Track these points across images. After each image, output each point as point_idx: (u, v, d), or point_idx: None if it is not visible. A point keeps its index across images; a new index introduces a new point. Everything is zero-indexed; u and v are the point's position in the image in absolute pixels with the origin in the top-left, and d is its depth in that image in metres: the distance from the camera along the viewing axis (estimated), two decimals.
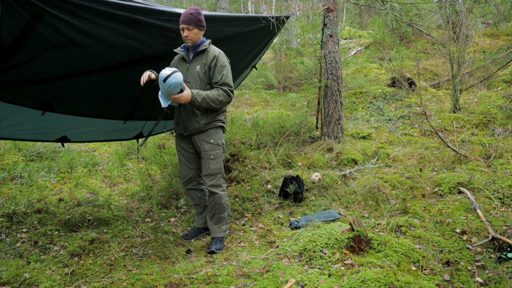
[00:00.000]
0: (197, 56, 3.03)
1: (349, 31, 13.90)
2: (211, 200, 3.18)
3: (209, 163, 3.09)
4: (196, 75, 3.01)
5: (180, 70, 2.90)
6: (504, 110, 5.94)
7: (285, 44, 10.01)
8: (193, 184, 3.32)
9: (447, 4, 6.63)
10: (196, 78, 3.01)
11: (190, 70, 3.03)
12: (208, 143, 3.09)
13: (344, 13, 19.14)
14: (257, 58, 4.58)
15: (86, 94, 3.38)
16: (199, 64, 3.01)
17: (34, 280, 2.64)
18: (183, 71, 2.97)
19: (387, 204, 3.70)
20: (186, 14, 2.92)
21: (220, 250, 3.12)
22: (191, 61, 3.04)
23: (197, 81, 3.02)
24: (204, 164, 3.12)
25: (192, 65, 3.03)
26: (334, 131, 5.52)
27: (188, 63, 3.05)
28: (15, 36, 2.55)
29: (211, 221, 3.26)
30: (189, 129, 3.09)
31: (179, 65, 3.08)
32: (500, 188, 3.62)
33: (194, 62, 3.04)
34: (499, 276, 2.45)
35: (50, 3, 2.41)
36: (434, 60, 9.78)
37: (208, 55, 3.01)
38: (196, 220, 3.46)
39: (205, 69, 3.01)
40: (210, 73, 3.01)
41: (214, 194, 3.14)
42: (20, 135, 3.70)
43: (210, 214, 3.25)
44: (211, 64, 3.00)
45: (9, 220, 3.63)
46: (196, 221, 3.46)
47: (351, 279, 2.41)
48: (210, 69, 3.01)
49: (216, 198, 3.14)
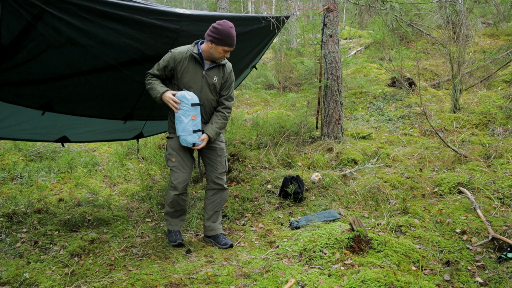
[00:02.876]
0: (214, 68, 3.06)
1: (349, 31, 13.90)
2: (218, 197, 3.25)
3: (225, 160, 3.24)
4: (213, 87, 3.08)
5: (194, 74, 2.98)
6: (504, 110, 5.94)
7: (285, 44, 10.01)
8: (185, 188, 3.17)
9: (447, 4, 6.63)
10: (212, 89, 3.08)
11: (207, 80, 3.04)
12: (220, 141, 3.24)
13: (344, 13, 19.15)
14: (257, 58, 4.58)
15: (86, 94, 3.38)
16: (217, 76, 3.07)
17: (34, 280, 2.64)
18: (197, 77, 3.00)
19: (387, 204, 3.70)
20: (232, 36, 2.91)
21: None
22: (207, 70, 3.03)
23: (213, 91, 3.09)
24: (221, 162, 3.21)
25: (209, 75, 3.04)
26: (334, 131, 5.52)
27: (203, 71, 3.03)
28: (15, 36, 2.55)
29: (209, 220, 3.28)
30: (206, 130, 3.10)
31: (191, 67, 2.99)
32: (500, 188, 3.63)
33: (211, 73, 3.05)
34: (499, 276, 2.45)
35: (50, 3, 2.40)
36: (434, 60, 9.78)
37: (225, 69, 3.12)
38: (177, 223, 3.28)
39: (222, 82, 3.12)
40: (223, 85, 3.14)
41: (224, 190, 3.27)
42: (20, 135, 3.70)
43: (211, 213, 3.26)
44: (227, 79, 3.14)
45: (9, 220, 3.63)
46: (176, 224, 3.28)
47: (351, 279, 2.41)
48: (226, 83, 3.14)
49: (225, 194, 3.28)
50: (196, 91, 3.00)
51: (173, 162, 3.09)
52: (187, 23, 3.11)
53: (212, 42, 2.90)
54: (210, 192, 3.26)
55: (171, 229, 3.28)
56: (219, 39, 2.88)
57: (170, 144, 3.13)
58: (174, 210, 3.20)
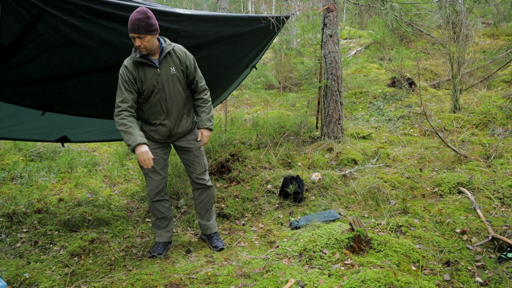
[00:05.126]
0: (165, 59, 2.79)
1: (349, 31, 13.90)
2: (205, 196, 3.17)
3: (203, 159, 3.12)
4: (175, 78, 2.83)
5: (151, 77, 2.74)
6: (504, 110, 5.95)
7: (285, 44, 10.01)
8: (162, 195, 3.06)
9: (447, 4, 6.63)
10: (175, 82, 2.83)
11: (164, 75, 2.78)
12: (196, 141, 3.04)
13: (344, 13, 19.14)
14: (257, 58, 4.58)
15: (86, 94, 3.38)
16: (173, 66, 2.81)
17: (34, 280, 2.64)
18: (154, 77, 2.75)
19: (387, 204, 3.70)
20: (134, 21, 2.56)
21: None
22: (159, 66, 2.77)
23: (176, 84, 2.84)
24: (199, 162, 3.08)
25: (163, 69, 2.78)
26: (334, 131, 5.52)
27: (157, 68, 2.76)
28: (15, 36, 2.55)
29: (203, 219, 3.25)
30: (178, 134, 2.96)
31: (143, 70, 2.73)
32: (500, 188, 3.63)
33: (165, 66, 2.78)
34: (499, 276, 2.45)
35: (50, 3, 2.41)
36: (434, 60, 9.78)
37: (178, 54, 2.84)
38: (162, 234, 3.15)
39: (182, 68, 2.85)
40: (187, 71, 2.89)
41: (209, 188, 3.17)
42: (20, 135, 3.70)
43: (202, 212, 3.22)
44: (186, 62, 2.87)
45: (9, 220, 3.63)
46: (161, 236, 3.15)
47: (351, 279, 2.41)
48: (188, 68, 2.88)
49: (211, 192, 3.19)
50: (160, 91, 2.78)
51: (144, 169, 2.91)
52: (187, 23, 3.11)
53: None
54: (196, 192, 3.19)
55: (156, 240, 3.17)
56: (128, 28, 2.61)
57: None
58: (156, 219, 3.12)
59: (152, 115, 2.87)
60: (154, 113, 2.86)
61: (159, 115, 2.86)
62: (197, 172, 3.09)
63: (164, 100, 2.83)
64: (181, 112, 2.92)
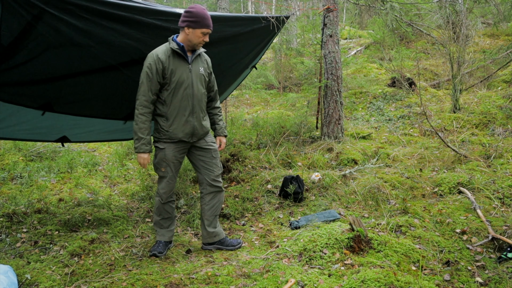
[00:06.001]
0: (197, 58, 2.94)
1: (349, 31, 13.90)
2: (216, 200, 3.11)
3: (219, 162, 3.15)
4: (202, 78, 2.95)
5: (182, 71, 2.82)
6: (504, 110, 5.95)
7: (285, 44, 10.00)
8: (172, 196, 3.11)
9: (447, 4, 6.63)
10: (202, 81, 2.95)
11: (194, 72, 2.89)
12: (213, 142, 3.13)
13: (344, 13, 19.14)
14: (257, 58, 4.58)
15: (86, 94, 3.38)
16: (202, 67, 2.96)
17: (34, 280, 2.64)
18: (185, 72, 2.84)
19: (387, 204, 3.70)
20: (208, 17, 2.77)
21: None
22: (191, 63, 2.88)
23: (202, 83, 2.96)
24: (216, 164, 3.10)
25: (194, 67, 2.90)
26: (334, 131, 5.52)
27: (189, 64, 2.87)
28: (15, 36, 2.55)
29: (210, 226, 3.12)
30: (199, 134, 2.98)
31: (176, 62, 2.81)
32: (500, 188, 3.63)
33: (195, 64, 2.91)
34: (499, 276, 2.45)
35: (50, 3, 2.40)
36: (434, 60, 9.78)
37: (205, 59, 3.03)
38: (164, 234, 3.14)
39: (208, 72, 3.03)
40: (209, 77, 3.06)
41: (221, 191, 3.15)
42: (20, 135, 3.70)
43: (211, 219, 3.11)
44: (211, 69, 3.06)
45: (9, 220, 3.63)
46: (163, 235, 3.14)
47: (351, 279, 2.41)
48: (210, 74, 3.06)
49: (222, 196, 3.17)
50: (189, 87, 2.86)
51: (162, 171, 2.97)
52: None
53: (189, 27, 2.74)
54: (208, 197, 3.08)
55: (157, 239, 3.15)
56: (195, 22, 2.73)
57: (161, 155, 2.93)
58: (161, 218, 3.10)
59: (177, 110, 2.87)
60: (180, 108, 2.87)
61: (184, 111, 2.88)
62: (214, 173, 3.07)
63: (191, 97, 2.88)
64: (203, 112, 3.00)
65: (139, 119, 2.81)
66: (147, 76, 2.77)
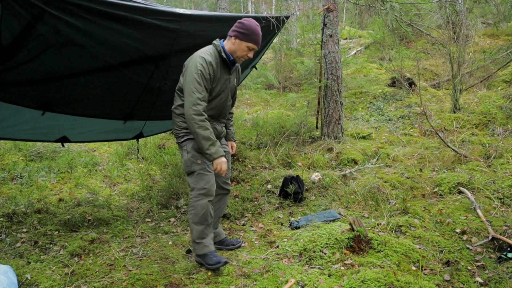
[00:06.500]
0: (234, 71, 2.93)
1: (349, 31, 13.90)
2: (223, 202, 3.15)
3: (230, 165, 3.16)
4: (234, 89, 3.00)
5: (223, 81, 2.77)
6: (504, 110, 5.94)
7: (285, 44, 10.00)
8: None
9: (447, 4, 6.63)
10: (232, 91, 2.98)
11: (231, 83, 2.90)
12: (227, 145, 3.17)
13: (344, 13, 19.15)
14: (257, 58, 4.57)
15: (86, 94, 3.38)
16: (236, 78, 3.01)
17: (34, 280, 2.64)
18: (226, 83, 2.80)
19: (387, 204, 3.70)
20: (259, 34, 2.71)
21: None
22: (231, 74, 2.87)
23: (232, 94, 3.00)
24: (229, 166, 3.11)
25: (231, 78, 2.90)
26: (334, 131, 5.52)
27: (230, 75, 2.85)
28: (15, 36, 2.54)
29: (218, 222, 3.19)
30: (220, 136, 3.00)
31: (221, 71, 2.74)
32: (500, 188, 3.63)
33: (232, 76, 2.91)
34: (499, 276, 2.45)
35: (50, 3, 2.40)
36: (434, 60, 9.78)
37: (239, 69, 3.07)
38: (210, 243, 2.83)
39: (238, 82, 3.08)
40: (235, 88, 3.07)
41: (228, 194, 3.19)
42: (20, 135, 3.70)
43: (215, 220, 3.08)
44: (240, 79, 3.14)
45: (9, 220, 3.63)
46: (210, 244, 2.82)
47: (351, 279, 2.41)
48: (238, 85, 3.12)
49: (227, 199, 3.21)
50: (223, 97, 2.82)
51: (199, 164, 2.71)
52: (187, 23, 3.11)
53: (237, 38, 2.69)
54: (215, 198, 3.00)
55: (207, 251, 2.76)
56: (244, 34, 2.68)
57: (192, 146, 2.74)
58: (206, 225, 2.75)
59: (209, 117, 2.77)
60: (211, 115, 2.81)
61: (211, 117, 2.82)
62: (227, 175, 3.09)
63: (223, 106, 2.89)
64: (224, 118, 3.01)
65: (203, 126, 2.58)
66: (199, 83, 2.59)
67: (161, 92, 3.65)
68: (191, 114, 2.56)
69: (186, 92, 2.61)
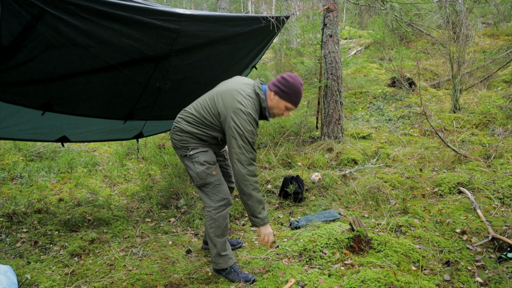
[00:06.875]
0: None
1: (349, 31, 13.90)
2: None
3: None
4: None
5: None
6: (504, 110, 5.94)
7: (285, 44, 10.01)
8: None
9: (447, 4, 6.63)
10: None
11: None
12: None
13: (344, 13, 19.15)
14: (257, 58, 4.57)
15: (86, 94, 3.38)
16: None
17: (34, 280, 2.64)
18: None
19: (387, 204, 3.70)
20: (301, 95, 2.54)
21: None
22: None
23: None
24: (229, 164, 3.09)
25: None
26: (334, 131, 5.52)
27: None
28: (15, 36, 2.55)
29: None
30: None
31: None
32: (500, 188, 3.63)
33: None
34: (499, 276, 2.45)
35: (50, 3, 2.40)
36: (434, 60, 9.78)
37: None
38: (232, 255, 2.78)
39: None
40: None
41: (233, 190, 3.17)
42: (20, 135, 3.70)
43: None
44: None
45: (9, 220, 3.63)
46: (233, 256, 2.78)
47: (351, 279, 2.41)
48: None
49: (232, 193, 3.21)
50: None
51: (214, 175, 2.62)
52: (187, 23, 3.11)
53: (277, 94, 2.50)
54: None
55: (231, 264, 2.67)
56: (286, 93, 2.49)
57: (207, 156, 2.64)
58: (226, 237, 2.67)
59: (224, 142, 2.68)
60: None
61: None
62: (231, 178, 3.05)
63: None
64: None
65: (257, 188, 2.47)
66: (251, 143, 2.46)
67: (161, 92, 3.65)
68: (246, 175, 2.42)
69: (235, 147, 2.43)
